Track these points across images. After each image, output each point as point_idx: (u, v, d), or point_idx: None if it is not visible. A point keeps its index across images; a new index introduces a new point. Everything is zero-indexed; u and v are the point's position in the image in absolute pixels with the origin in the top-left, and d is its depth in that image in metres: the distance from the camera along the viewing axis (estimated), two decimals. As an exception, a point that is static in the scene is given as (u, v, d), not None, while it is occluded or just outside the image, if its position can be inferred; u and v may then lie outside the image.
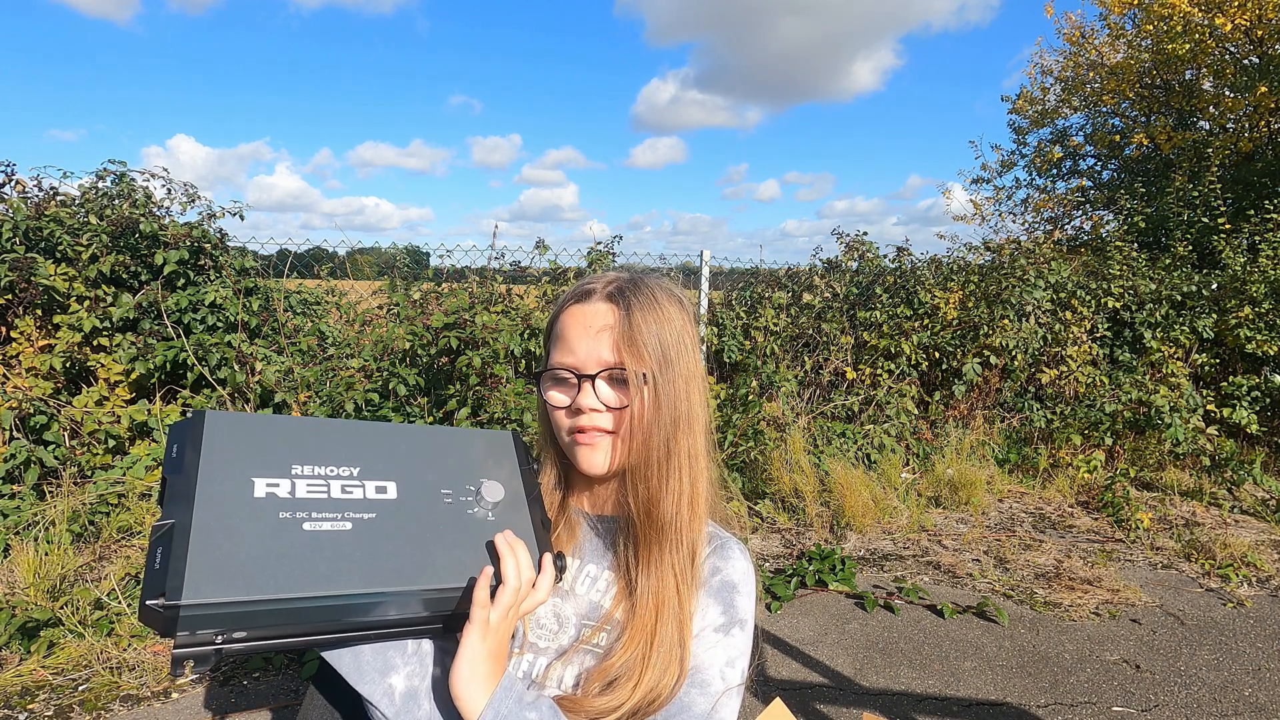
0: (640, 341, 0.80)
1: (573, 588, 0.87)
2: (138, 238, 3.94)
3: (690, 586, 0.83)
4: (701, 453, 0.86)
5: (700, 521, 0.86)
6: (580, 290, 0.85)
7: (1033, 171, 10.73)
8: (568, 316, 0.84)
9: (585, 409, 0.81)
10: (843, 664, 2.80)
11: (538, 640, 0.85)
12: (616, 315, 0.81)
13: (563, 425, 0.84)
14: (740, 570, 0.88)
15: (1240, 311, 5.51)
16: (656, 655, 0.78)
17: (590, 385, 0.81)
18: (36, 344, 3.63)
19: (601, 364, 0.81)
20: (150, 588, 0.59)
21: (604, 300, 0.83)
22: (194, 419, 0.70)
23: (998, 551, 3.92)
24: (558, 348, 0.85)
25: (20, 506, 3.27)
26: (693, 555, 0.84)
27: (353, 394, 3.77)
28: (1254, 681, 2.69)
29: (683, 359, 0.83)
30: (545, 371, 0.85)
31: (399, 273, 4.73)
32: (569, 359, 0.82)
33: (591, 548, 0.90)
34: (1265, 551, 3.91)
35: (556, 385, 0.85)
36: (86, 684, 2.57)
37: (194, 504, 0.63)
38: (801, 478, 4.31)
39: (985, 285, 5.37)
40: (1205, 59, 8.47)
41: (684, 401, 0.83)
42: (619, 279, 0.85)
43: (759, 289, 5.46)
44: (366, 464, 0.74)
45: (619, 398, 0.82)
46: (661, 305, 0.83)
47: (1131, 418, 4.99)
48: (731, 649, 0.83)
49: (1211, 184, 6.68)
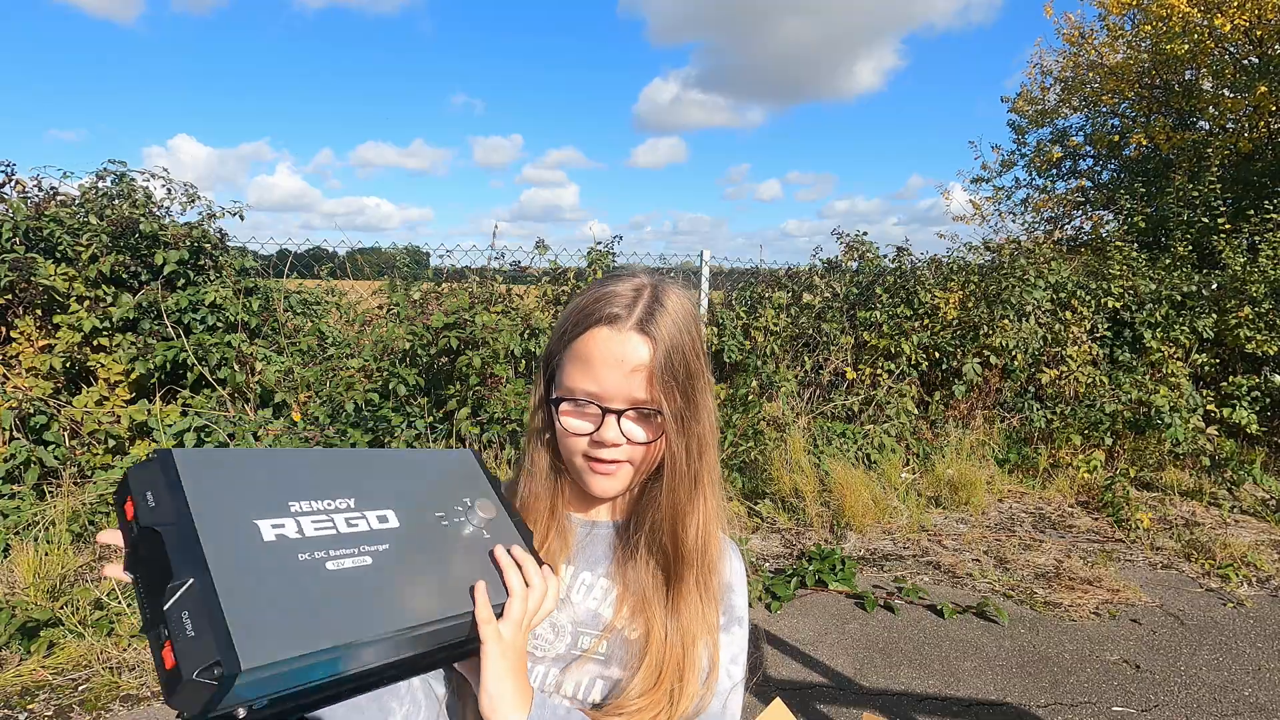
0: (671, 376, 0.77)
1: (568, 595, 0.86)
2: (138, 238, 3.94)
3: (716, 603, 0.83)
4: (719, 474, 0.85)
5: (721, 543, 0.86)
6: (606, 312, 0.78)
7: (1032, 171, 10.74)
8: (593, 341, 0.78)
9: (609, 442, 0.78)
10: (843, 664, 2.80)
11: (534, 650, 0.83)
12: (651, 350, 0.77)
13: (577, 449, 0.81)
14: (735, 571, 0.89)
15: (1240, 311, 5.51)
16: (688, 685, 0.79)
17: (615, 420, 0.77)
18: (36, 344, 3.63)
19: (630, 401, 0.77)
20: (189, 659, 0.51)
21: (636, 331, 0.77)
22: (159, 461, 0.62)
23: (998, 551, 3.92)
24: (578, 370, 0.78)
25: (20, 506, 3.27)
26: (719, 576, 0.85)
27: (353, 394, 3.77)
28: (1254, 681, 2.69)
29: (701, 381, 0.81)
30: (563, 398, 0.80)
31: (399, 273, 4.73)
32: (593, 388, 0.77)
33: (585, 554, 0.88)
34: (1265, 551, 3.91)
35: (575, 411, 0.80)
36: (86, 684, 2.57)
37: (205, 557, 0.56)
38: (801, 478, 4.31)
39: (985, 285, 5.37)
40: (1205, 59, 8.48)
41: (706, 427, 0.81)
42: (646, 299, 0.79)
43: (759, 289, 5.46)
44: (359, 494, 0.71)
45: (645, 433, 0.79)
46: (685, 328, 0.80)
47: (1131, 418, 4.99)
48: (733, 646, 0.85)
49: (1211, 184, 6.68)
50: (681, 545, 0.81)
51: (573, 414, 0.80)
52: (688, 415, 0.79)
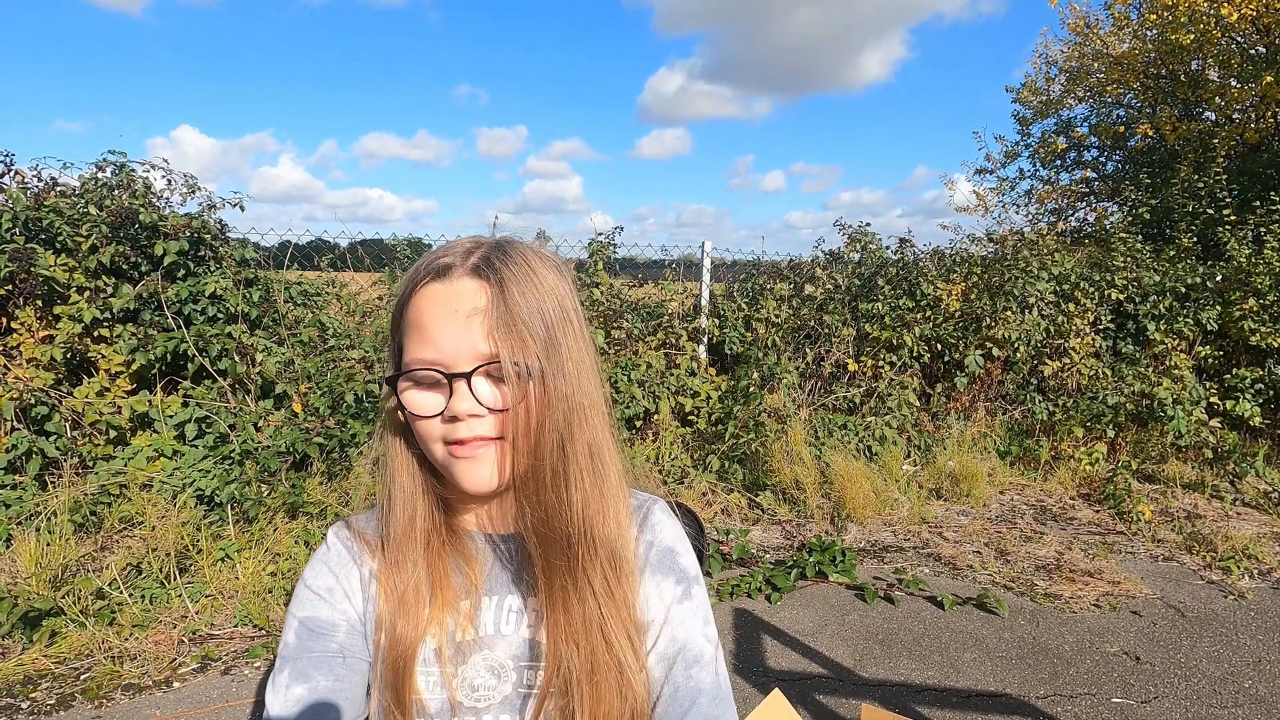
0: (521, 324, 0.65)
1: (499, 629, 0.75)
2: (137, 228, 3.94)
3: (619, 595, 0.72)
4: (605, 444, 0.72)
5: (615, 521, 0.73)
6: (435, 265, 0.68)
7: (1036, 162, 10.68)
8: (423, 300, 0.67)
9: (462, 415, 0.65)
10: (842, 655, 2.80)
11: (476, 703, 0.72)
12: (489, 294, 0.65)
13: (433, 436, 0.68)
14: (670, 532, 0.80)
15: (1245, 304, 5.49)
16: (603, 690, 0.69)
17: (465, 385, 0.65)
18: (37, 335, 3.63)
19: (477, 357, 0.65)
20: None
21: (470, 276, 0.66)
22: None
23: (998, 543, 3.92)
24: (413, 340, 0.68)
25: (22, 497, 3.28)
26: (614, 560, 0.72)
27: (353, 385, 3.77)
28: (1254, 674, 2.69)
29: (569, 337, 0.69)
30: (402, 374, 0.68)
31: (399, 264, 4.72)
32: (431, 354, 0.66)
33: (501, 576, 0.76)
34: (1267, 544, 3.91)
35: (418, 388, 0.68)
36: (88, 673, 2.58)
37: None
38: (802, 469, 4.31)
39: (988, 277, 5.35)
40: (1211, 49, 8.40)
41: (576, 389, 0.68)
42: (482, 246, 0.69)
43: (760, 280, 5.45)
44: None
45: (500, 397, 0.66)
46: (538, 274, 0.68)
47: (1134, 410, 4.98)
48: (699, 609, 0.78)
49: (1217, 175, 6.63)
50: (553, 537, 0.69)
51: (415, 390, 0.68)
52: (549, 372, 0.66)
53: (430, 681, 0.73)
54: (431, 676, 0.73)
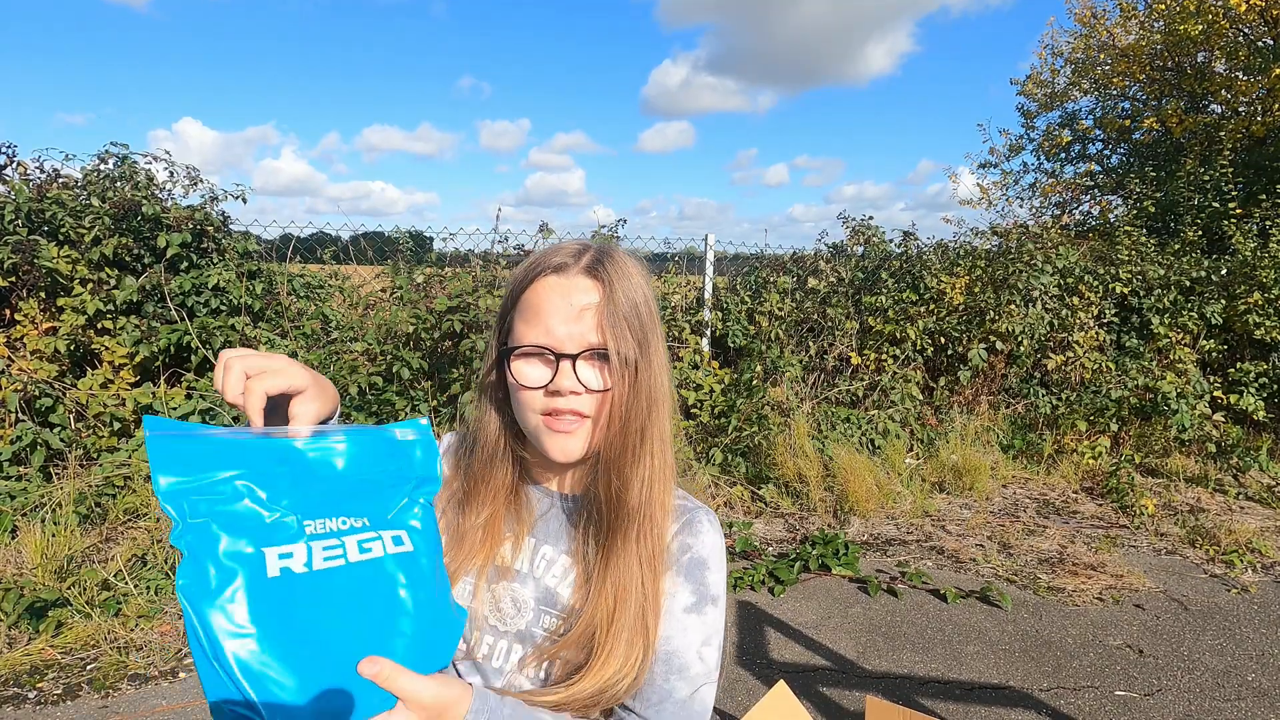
0: (623, 320, 0.76)
1: (530, 570, 0.84)
2: (140, 220, 3.93)
3: (657, 570, 0.80)
4: (669, 435, 0.82)
5: (668, 505, 0.82)
6: (553, 262, 0.78)
7: (1041, 156, 10.62)
8: (542, 289, 0.77)
9: (564, 390, 0.75)
10: (845, 647, 2.80)
11: (498, 624, 0.83)
12: (601, 291, 0.76)
13: (533, 406, 0.78)
14: (710, 545, 0.83)
15: (1250, 297, 5.47)
16: (613, 643, 0.75)
17: (571, 365, 0.75)
18: (41, 327, 3.63)
19: (584, 344, 0.75)
20: None
21: (584, 274, 0.77)
22: None
23: (1001, 537, 3.92)
24: (527, 323, 0.77)
25: (27, 488, 3.29)
26: (661, 539, 0.81)
27: (356, 377, 3.77)
28: (1257, 667, 2.69)
29: (656, 336, 0.80)
30: (515, 350, 0.78)
31: (402, 256, 4.71)
32: (544, 338, 0.76)
33: (546, 526, 0.86)
34: (1270, 538, 3.90)
35: (529, 361, 0.78)
36: (95, 663, 2.59)
37: None
38: (805, 463, 4.31)
39: (992, 270, 5.33)
40: (1218, 40, 8.34)
41: (659, 383, 0.79)
42: (590, 249, 0.80)
43: (764, 273, 5.43)
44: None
45: (600, 380, 0.77)
46: (634, 279, 0.79)
47: (1138, 404, 4.97)
48: (706, 627, 0.81)
49: (1223, 168, 6.60)
50: (621, 503, 0.78)
51: (526, 364, 0.77)
52: (641, 364, 0.77)
53: (465, 590, 0.84)
54: (467, 586, 0.84)
